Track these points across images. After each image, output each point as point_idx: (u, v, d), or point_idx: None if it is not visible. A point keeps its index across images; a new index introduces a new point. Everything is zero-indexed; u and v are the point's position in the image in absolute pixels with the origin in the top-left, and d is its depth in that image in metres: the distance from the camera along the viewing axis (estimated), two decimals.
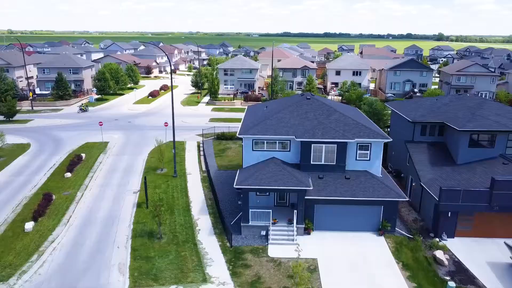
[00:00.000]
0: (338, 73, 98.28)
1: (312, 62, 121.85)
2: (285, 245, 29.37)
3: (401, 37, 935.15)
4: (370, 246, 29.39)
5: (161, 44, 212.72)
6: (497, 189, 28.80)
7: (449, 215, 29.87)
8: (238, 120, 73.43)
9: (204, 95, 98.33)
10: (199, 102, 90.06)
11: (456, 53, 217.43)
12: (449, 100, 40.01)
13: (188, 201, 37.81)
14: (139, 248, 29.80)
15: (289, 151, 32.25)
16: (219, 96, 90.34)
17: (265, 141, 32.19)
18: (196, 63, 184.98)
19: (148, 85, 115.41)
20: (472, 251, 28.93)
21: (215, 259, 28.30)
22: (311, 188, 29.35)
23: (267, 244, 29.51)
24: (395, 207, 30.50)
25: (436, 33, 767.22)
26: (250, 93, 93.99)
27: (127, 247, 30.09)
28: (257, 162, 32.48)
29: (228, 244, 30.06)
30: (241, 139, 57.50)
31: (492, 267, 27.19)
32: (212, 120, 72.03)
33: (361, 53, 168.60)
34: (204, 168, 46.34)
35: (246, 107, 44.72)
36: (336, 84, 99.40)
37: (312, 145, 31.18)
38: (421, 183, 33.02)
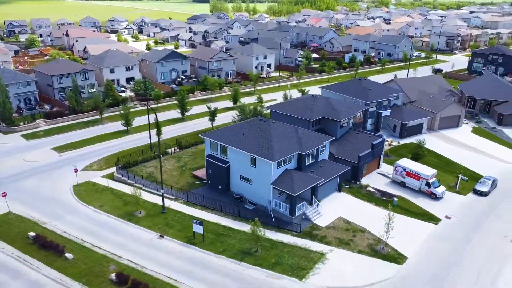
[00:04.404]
0: (112, 70, 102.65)
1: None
2: (319, 218, 48.00)
3: None
4: (345, 199, 52.27)
5: None
6: (373, 148, 57.43)
7: (362, 168, 56.60)
8: (88, 141, 68.74)
9: None
10: None
11: (133, 24, 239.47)
12: (311, 101, 64.72)
13: (213, 222, 47.29)
14: (261, 263, 40.72)
15: (292, 161, 49.04)
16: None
17: (282, 160, 47.50)
18: None
19: None
20: (375, 181, 57.01)
21: (305, 243, 43.71)
22: (323, 179, 48.61)
23: (312, 221, 47.12)
24: (346, 174, 54.14)
25: None
26: (37, 108, 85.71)
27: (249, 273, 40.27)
28: (278, 175, 47.52)
29: (294, 232, 45.43)
30: (154, 158, 62.90)
31: (390, 185, 56.29)
32: (60, 149, 67.59)
33: (67, 35, 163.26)
34: (173, 196, 52.72)
35: (205, 137, 53.79)
36: (112, 81, 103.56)
37: (306, 153, 49.47)
38: (335, 155, 57.80)
